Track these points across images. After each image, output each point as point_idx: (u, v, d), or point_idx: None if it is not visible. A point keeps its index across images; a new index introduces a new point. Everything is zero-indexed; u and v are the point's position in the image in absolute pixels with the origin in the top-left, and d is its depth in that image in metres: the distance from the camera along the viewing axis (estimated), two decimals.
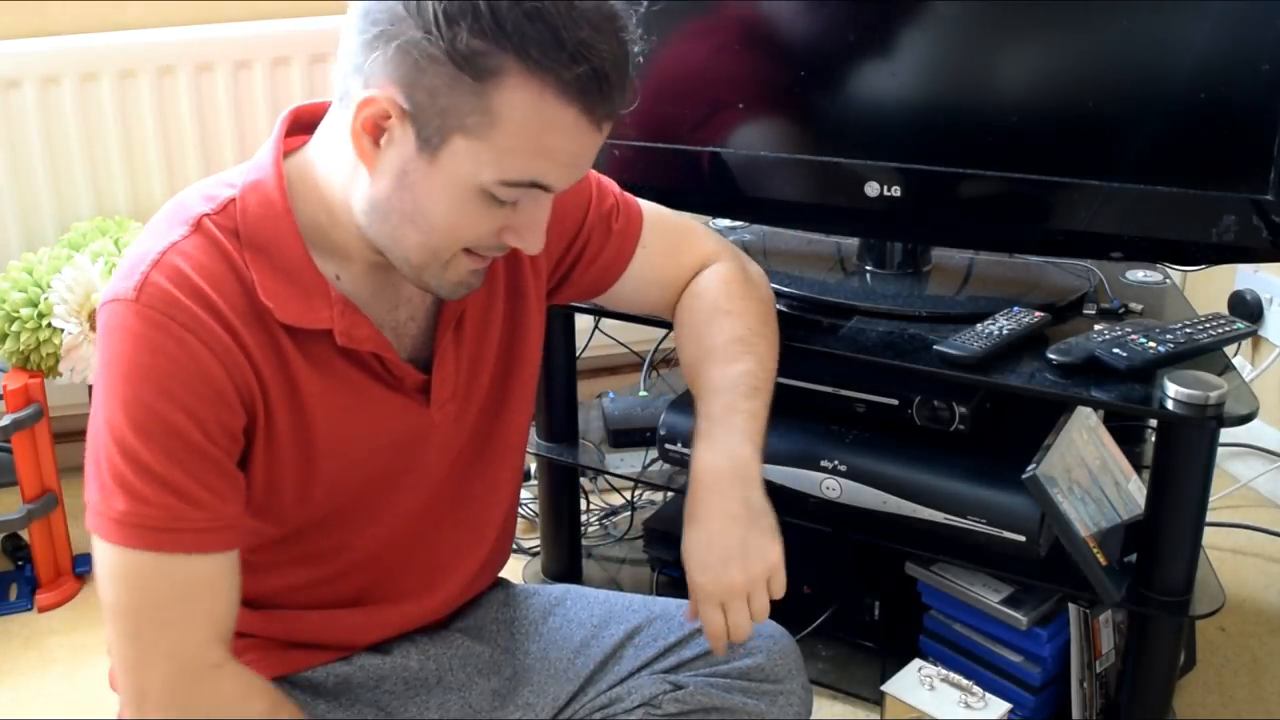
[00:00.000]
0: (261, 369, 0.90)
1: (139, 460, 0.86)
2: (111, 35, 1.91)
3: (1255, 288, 1.95)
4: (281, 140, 0.94)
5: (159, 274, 0.87)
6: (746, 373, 1.10)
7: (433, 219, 0.87)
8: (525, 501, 1.96)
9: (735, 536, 1.01)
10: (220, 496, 0.89)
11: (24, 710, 1.55)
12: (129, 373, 0.86)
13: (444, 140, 0.83)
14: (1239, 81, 1.19)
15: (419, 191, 0.86)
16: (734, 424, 1.06)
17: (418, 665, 1.09)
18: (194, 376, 0.86)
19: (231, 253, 0.89)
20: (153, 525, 0.86)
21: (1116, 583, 1.26)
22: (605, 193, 1.16)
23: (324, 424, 0.94)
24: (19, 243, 1.93)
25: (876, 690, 1.37)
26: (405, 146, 0.85)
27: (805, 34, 1.41)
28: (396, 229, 0.89)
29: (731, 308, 1.15)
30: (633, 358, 2.10)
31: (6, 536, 1.86)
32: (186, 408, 0.86)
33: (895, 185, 1.38)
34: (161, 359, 0.86)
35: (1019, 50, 1.32)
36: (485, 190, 0.85)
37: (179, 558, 0.87)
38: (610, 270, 1.17)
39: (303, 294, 0.91)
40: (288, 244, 0.91)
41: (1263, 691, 1.55)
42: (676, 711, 1.07)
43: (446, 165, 0.84)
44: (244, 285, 0.89)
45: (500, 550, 1.18)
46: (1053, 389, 1.24)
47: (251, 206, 0.91)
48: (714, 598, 1.00)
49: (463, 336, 1.03)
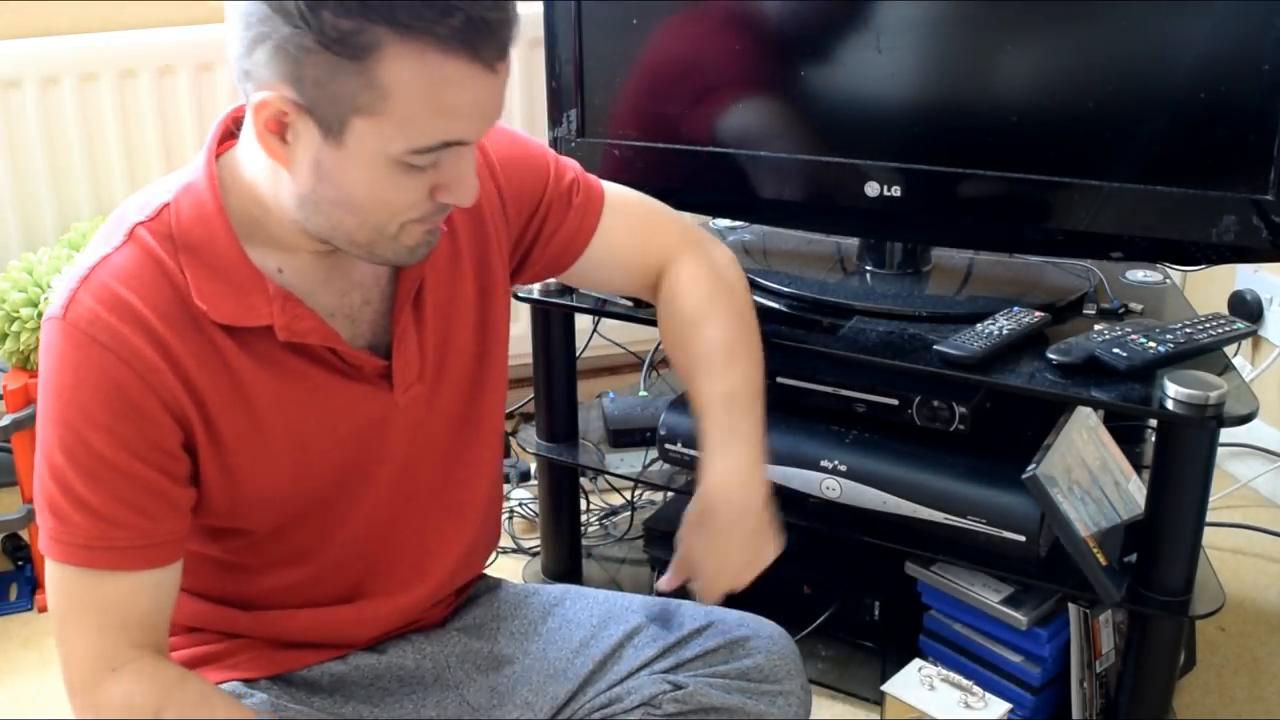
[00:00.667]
0: (195, 379, 0.90)
1: (64, 481, 0.88)
2: (111, 35, 1.91)
3: (1255, 288, 1.95)
4: (215, 143, 0.94)
5: (86, 291, 0.88)
6: (743, 380, 1.11)
7: (361, 201, 0.87)
8: (525, 501, 1.96)
9: (750, 549, 1.07)
10: (147, 515, 0.90)
11: (24, 710, 1.55)
12: (58, 394, 0.88)
13: (344, 125, 0.83)
14: (1239, 82, 1.19)
15: (338, 179, 0.86)
16: (743, 433, 1.08)
17: (413, 664, 1.09)
18: (114, 397, 0.87)
19: (164, 259, 0.90)
20: (76, 543, 0.89)
21: (1116, 583, 1.26)
22: (563, 170, 1.15)
23: (280, 422, 0.94)
24: (19, 243, 1.93)
25: (876, 690, 1.37)
26: (311, 139, 0.85)
27: (805, 34, 1.41)
28: (330, 218, 0.89)
29: (712, 311, 1.15)
30: (633, 358, 2.10)
31: (6, 536, 1.86)
32: (108, 429, 0.87)
33: (895, 185, 1.38)
34: (83, 380, 0.87)
35: (1019, 50, 1.32)
36: (400, 161, 0.85)
37: (100, 573, 0.89)
38: (571, 246, 1.15)
39: (238, 292, 0.91)
40: (221, 243, 0.91)
41: (1263, 691, 1.55)
42: (676, 712, 1.07)
43: (355, 148, 0.84)
44: (178, 291, 0.89)
45: (486, 533, 1.17)
46: (1053, 389, 1.24)
47: (184, 209, 0.91)
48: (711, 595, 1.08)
49: (424, 315, 1.01)
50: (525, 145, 1.14)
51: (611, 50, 1.50)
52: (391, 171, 0.85)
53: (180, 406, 0.90)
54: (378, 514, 1.04)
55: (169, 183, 0.94)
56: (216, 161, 0.93)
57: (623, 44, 1.50)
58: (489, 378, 1.09)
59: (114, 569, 0.89)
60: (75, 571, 0.89)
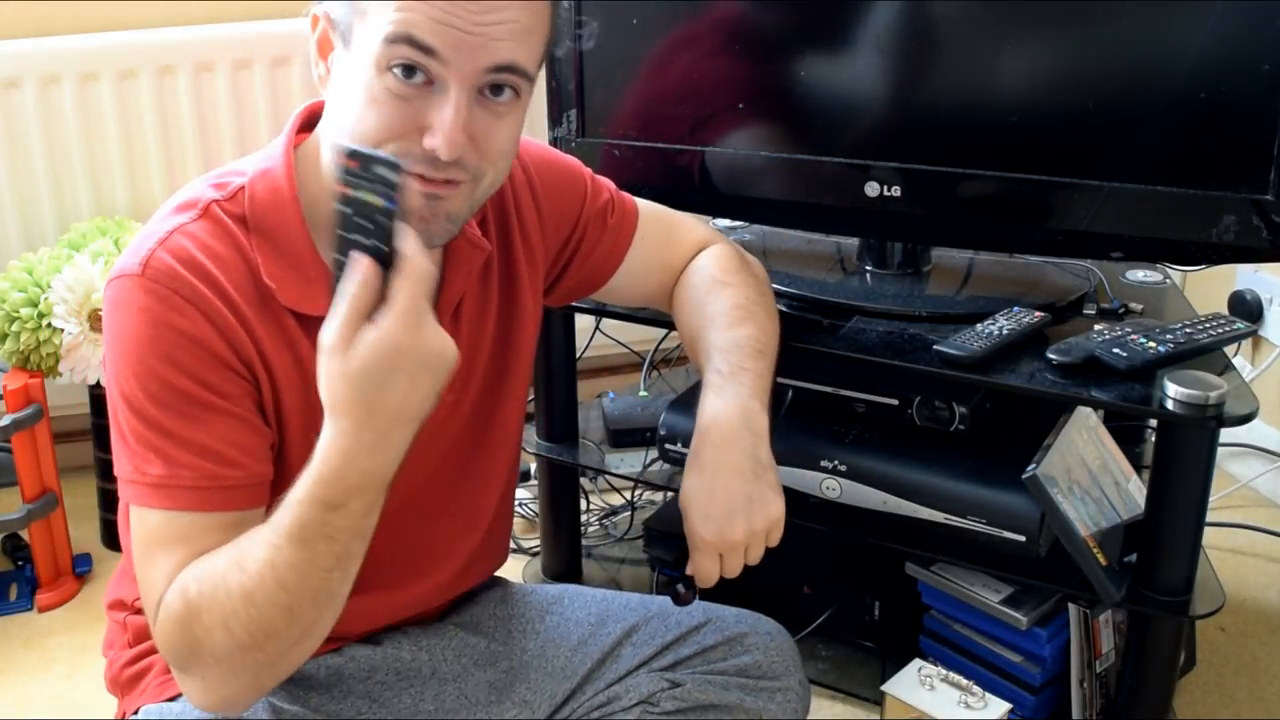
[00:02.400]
0: (265, 346, 0.92)
1: (162, 427, 0.87)
2: (111, 35, 1.91)
3: (1255, 288, 1.95)
4: (294, 132, 0.97)
5: (164, 250, 0.89)
6: (750, 336, 1.11)
7: (352, 115, 0.89)
8: (525, 501, 1.96)
9: (740, 490, 1.00)
10: (250, 454, 0.90)
11: (24, 710, 1.55)
12: (138, 345, 0.88)
13: (350, 30, 0.88)
14: (1239, 81, 1.19)
15: (346, 92, 0.89)
16: (743, 380, 1.06)
17: (410, 656, 1.09)
18: (198, 345, 0.88)
19: (239, 236, 0.92)
20: (188, 485, 0.87)
21: (1116, 583, 1.26)
22: (600, 188, 1.19)
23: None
24: (19, 243, 1.93)
25: (876, 690, 1.37)
26: (338, 54, 0.90)
27: (805, 34, 1.41)
28: (334, 144, 0.91)
29: (729, 280, 1.18)
30: (633, 358, 2.10)
31: (6, 536, 1.86)
32: (196, 375, 0.88)
33: (895, 185, 1.38)
34: (165, 330, 0.87)
35: (1019, 50, 1.32)
36: (383, 67, 0.86)
37: (213, 515, 0.88)
38: (607, 263, 1.19)
39: (305, 280, 0.93)
40: (293, 230, 0.93)
41: (1263, 691, 1.55)
42: (674, 709, 1.07)
43: (356, 52, 0.88)
44: (250, 269, 0.92)
45: (495, 543, 1.17)
46: (1053, 389, 1.24)
47: (259, 193, 0.94)
48: (713, 549, 1.00)
49: (460, 327, 1.03)
50: (564, 165, 1.17)
51: (611, 50, 1.50)
52: (376, 82, 0.87)
53: (253, 366, 0.91)
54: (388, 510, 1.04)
55: (243, 165, 0.96)
56: (294, 149, 0.96)
57: (623, 44, 1.50)
58: (507, 389, 1.10)
59: (223, 509, 0.88)
60: (193, 517, 0.87)
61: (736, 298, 1.15)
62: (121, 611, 1.08)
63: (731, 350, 1.09)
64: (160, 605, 0.86)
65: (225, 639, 0.83)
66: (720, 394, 1.05)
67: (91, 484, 1.93)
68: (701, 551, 1.00)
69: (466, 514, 1.11)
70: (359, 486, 0.82)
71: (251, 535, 0.85)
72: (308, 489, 0.81)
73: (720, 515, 0.99)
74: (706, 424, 1.04)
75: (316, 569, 0.82)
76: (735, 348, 1.09)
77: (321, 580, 0.83)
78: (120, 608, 1.08)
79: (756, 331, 1.12)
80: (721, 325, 1.12)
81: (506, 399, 1.10)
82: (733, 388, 1.05)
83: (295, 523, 0.81)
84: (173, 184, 1.97)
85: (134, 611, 1.07)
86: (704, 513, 1.00)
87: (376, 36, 0.86)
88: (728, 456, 1.01)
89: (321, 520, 0.81)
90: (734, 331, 1.11)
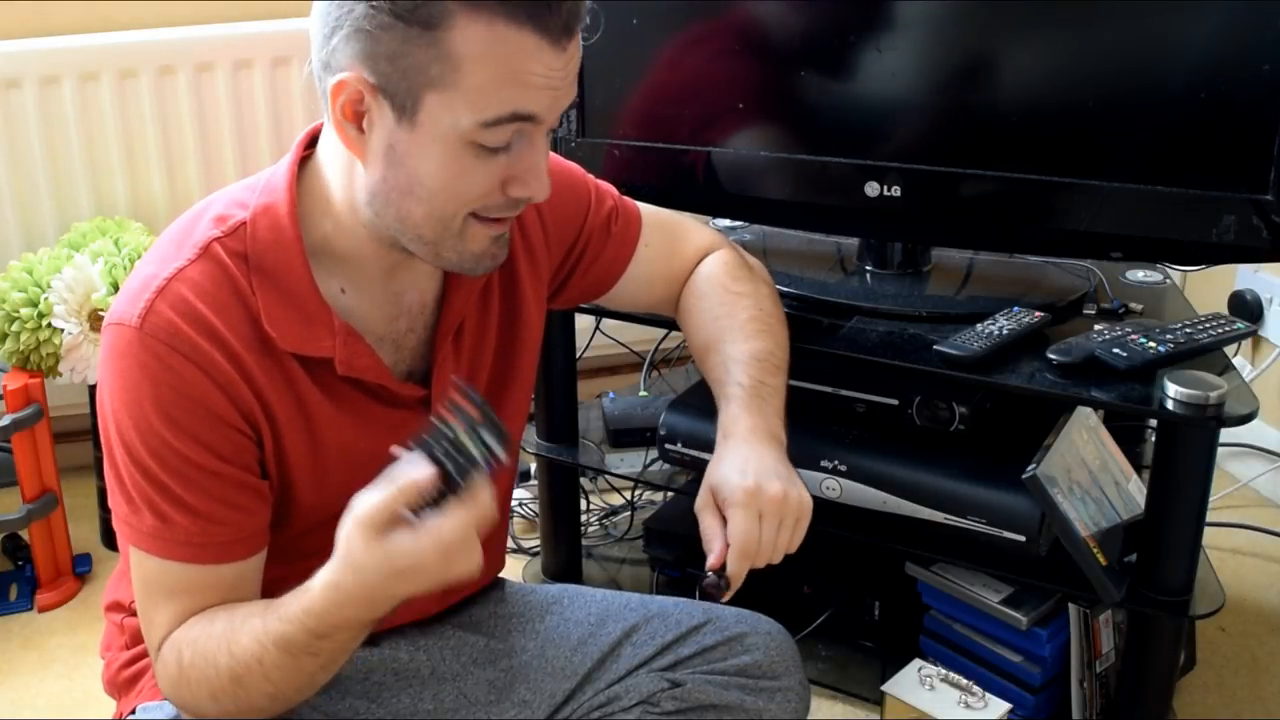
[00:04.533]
0: (266, 394, 0.92)
1: (159, 482, 0.89)
2: (111, 35, 1.91)
3: (1255, 288, 1.95)
4: (297, 159, 0.96)
5: (164, 302, 0.89)
6: (768, 351, 1.12)
7: (430, 185, 0.87)
8: (525, 501, 1.96)
9: (777, 461, 1.01)
10: (244, 510, 0.92)
11: (24, 710, 1.55)
12: (138, 399, 0.88)
13: (417, 102, 0.84)
14: (1239, 81, 1.19)
15: (410, 162, 0.87)
16: (764, 395, 1.08)
17: (407, 656, 1.09)
18: (198, 405, 0.89)
19: (239, 278, 0.91)
20: (182, 541, 0.90)
21: (1116, 583, 1.26)
22: (604, 196, 1.19)
23: (334, 443, 0.97)
24: (19, 243, 1.93)
25: (876, 690, 1.37)
26: (385, 122, 0.86)
27: (805, 34, 1.41)
28: (400, 208, 0.89)
29: (741, 289, 1.18)
30: (633, 358, 2.10)
31: (6, 536, 1.86)
32: (195, 436, 0.89)
33: (895, 185, 1.38)
34: (165, 390, 0.88)
35: (1019, 50, 1.32)
36: (471, 140, 0.85)
37: (208, 568, 0.92)
38: (611, 271, 1.19)
39: (306, 321, 0.93)
40: (295, 270, 0.92)
41: (1263, 691, 1.55)
42: (674, 709, 1.07)
43: (427, 126, 0.85)
44: (250, 313, 0.91)
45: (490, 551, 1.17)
46: (1053, 389, 1.24)
47: (261, 230, 0.92)
48: (751, 505, 0.97)
49: (461, 346, 1.04)
50: (568, 173, 1.17)
51: (612, 50, 1.50)
52: (462, 152, 0.86)
53: (254, 418, 0.92)
54: None
55: (245, 196, 0.95)
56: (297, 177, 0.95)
57: (623, 44, 1.50)
58: (506, 403, 1.10)
59: (225, 562, 0.92)
60: (183, 567, 0.91)
61: (752, 309, 1.16)
62: (119, 613, 1.08)
63: (751, 364, 1.10)
64: (158, 655, 0.92)
65: (213, 706, 0.90)
66: (746, 408, 1.06)
67: (91, 484, 1.93)
68: (740, 507, 0.97)
69: None
70: (346, 626, 0.86)
71: (245, 619, 0.89)
72: (298, 614, 0.85)
73: (758, 472, 0.98)
74: (737, 429, 1.05)
75: (302, 672, 0.88)
76: (755, 361, 1.10)
77: (306, 679, 0.89)
78: (117, 609, 1.08)
79: (774, 345, 1.13)
80: (739, 338, 1.13)
81: (505, 411, 1.10)
82: (757, 403, 1.07)
83: (283, 636, 0.85)
84: (173, 184, 1.97)
85: (131, 613, 1.06)
86: (741, 469, 0.99)
87: (475, 115, 0.84)
88: (760, 446, 1.02)
89: (307, 642, 0.86)
90: (752, 344, 1.12)
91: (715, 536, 0.99)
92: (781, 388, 1.11)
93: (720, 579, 0.97)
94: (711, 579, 0.97)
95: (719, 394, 1.10)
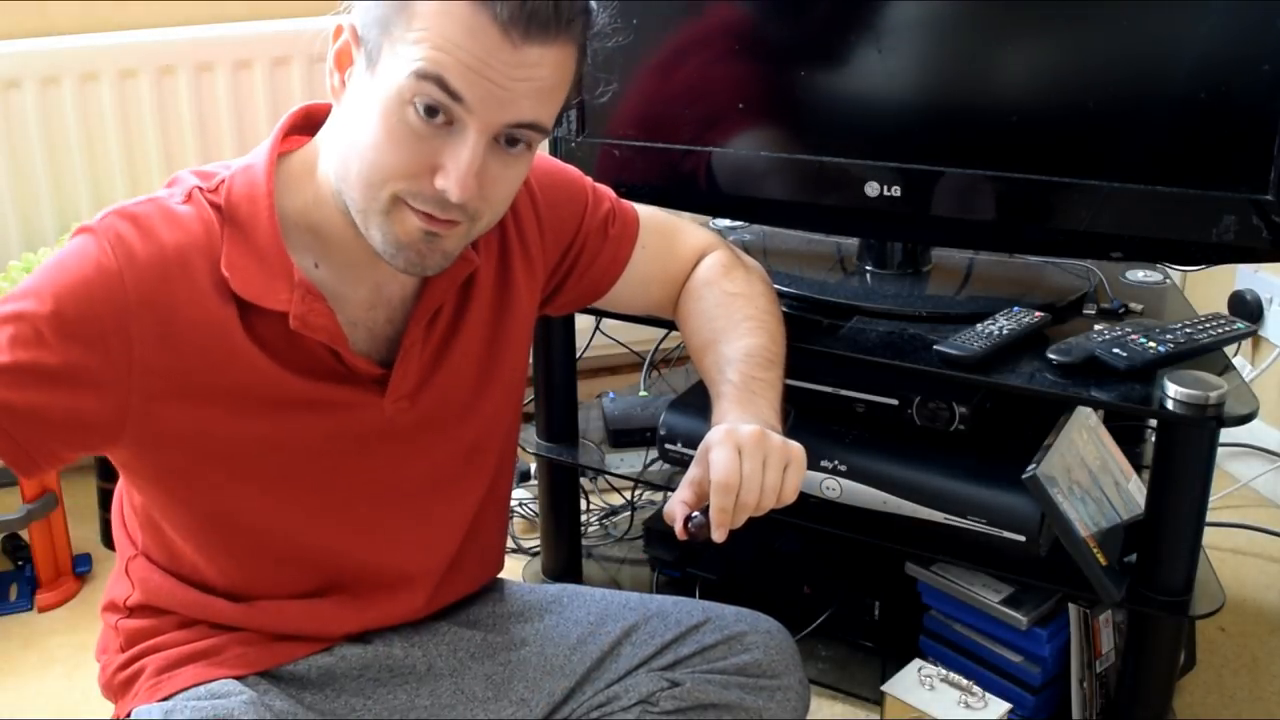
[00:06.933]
0: (183, 321, 0.90)
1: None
2: (111, 35, 1.91)
3: (1255, 288, 1.95)
4: (282, 134, 0.98)
5: (124, 216, 0.92)
6: (761, 347, 1.12)
7: (365, 142, 0.89)
8: (525, 501, 1.96)
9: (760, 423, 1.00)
10: (11, 439, 0.89)
11: (24, 710, 1.55)
12: (53, 275, 0.90)
13: (378, 51, 0.87)
14: (1239, 81, 1.19)
15: (362, 115, 0.89)
16: (756, 390, 1.07)
17: (402, 653, 1.09)
18: (91, 323, 0.88)
19: (212, 223, 0.93)
20: None
21: (1116, 583, 1.26)
22: (601, 199, 1.19)
23: (260, 394, 0.94)
24: (19, 243, 1.93)
25: (876, 690, 1.37)
26: (358, 71, 0.90)
27: (806, 34, 1.41)
28: (344, 165, 0.91)
29: (738, 290, 1.18)
30: (633, 358, 2.10)
31: (6, 536, 1.86)
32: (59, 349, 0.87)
33: (895, 185, 1.38)
34: (70, 276, 0.89)
35: (1019, 50, 1.32)
36: (406, 98, 0.86)
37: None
38: (608, 274, 1.19)
39: (266, 273, 0.93)
40: (263, 226, 0.94)
41: (1263, 691, 1.55)
42: (674, 709, 1.07)
43: (381, 78, 0.87)
44: (214, 251, 0.92)
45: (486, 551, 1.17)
46: (1053, 389, 1.24)
47: (237, 186, 0.95)
48: (728, 441, 0.96)
49: (434, 335, 1.03)
50: (565, 175, 1.17)
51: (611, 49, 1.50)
52: (399, 113, 0.87)
53: (146, 354, 0.90)
54: (359, 516, 1.04)
55: (231, 161, 0.98)
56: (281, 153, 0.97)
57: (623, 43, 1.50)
58: (490, 402, 1.09)
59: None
60: None
61: (748, 309, 1.16)
62: (114, 615, 1.08)
63: (742, 361, 1.10)
64: None
65: None
66: (736, 403, 1.06)
67: (91, 484, 1.93)
68: (717, 444, 0.96)
69: (444, 523, 1.10)
70: None
71: None
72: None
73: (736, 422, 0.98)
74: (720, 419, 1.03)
75: None
76: (746, 358, 1.10)
77: None
78: (113, 610, 1.08)
79: (767, 341, 1.13)
80: (733, 337, 1.13)
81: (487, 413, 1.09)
82: (748, 398, 1.06)
83: None
84: None
85: (126, 615, 1.07)
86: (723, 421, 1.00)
87: (406, 68, 0.85)
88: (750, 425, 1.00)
89: None
90: (745, 342, 1.12)
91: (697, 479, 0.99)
92: (776, 382, 1.10)
93: (704, 517, 0.96)
94: (696, 517, 0.97)
95: (713, 393, 1.10)
